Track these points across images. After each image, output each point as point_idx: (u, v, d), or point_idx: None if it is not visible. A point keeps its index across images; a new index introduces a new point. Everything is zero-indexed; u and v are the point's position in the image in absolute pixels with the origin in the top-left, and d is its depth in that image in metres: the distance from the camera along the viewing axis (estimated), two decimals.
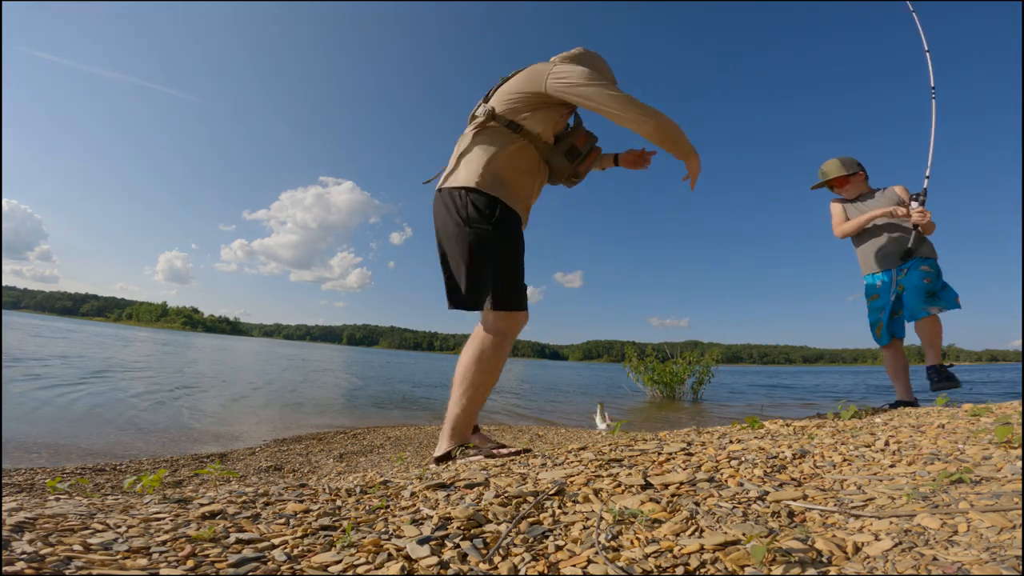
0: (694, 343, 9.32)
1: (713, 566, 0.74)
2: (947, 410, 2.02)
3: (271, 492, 1.15)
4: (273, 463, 2.12)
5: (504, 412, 4.99)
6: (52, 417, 2.96)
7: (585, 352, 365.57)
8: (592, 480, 1.19)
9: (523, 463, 1.48)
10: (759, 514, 0.94)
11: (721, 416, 5.00)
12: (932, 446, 1.34)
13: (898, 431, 1.58)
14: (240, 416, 3.63)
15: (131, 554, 0.74)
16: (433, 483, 1.19)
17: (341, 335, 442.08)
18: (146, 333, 37.76)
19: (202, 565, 0.72)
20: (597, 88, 1.69)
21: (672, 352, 7.84)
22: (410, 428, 3.31)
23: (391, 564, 0.75)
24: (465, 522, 0.92)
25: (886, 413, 2.09)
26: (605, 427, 1.83)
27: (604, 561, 0.76)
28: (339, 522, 0.94)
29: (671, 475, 1.19)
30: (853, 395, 8.12)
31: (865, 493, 1.02)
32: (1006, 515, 0.80)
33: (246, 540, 0.82)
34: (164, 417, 3.31)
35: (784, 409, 5.60)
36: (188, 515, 0.93)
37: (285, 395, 5.18)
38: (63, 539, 0.77)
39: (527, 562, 0.77)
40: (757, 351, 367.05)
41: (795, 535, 0.83)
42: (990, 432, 1.38)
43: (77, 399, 3.67)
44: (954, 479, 1.02)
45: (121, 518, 0.90)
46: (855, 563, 0.73)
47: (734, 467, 1.26)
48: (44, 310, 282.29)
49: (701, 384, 7.45)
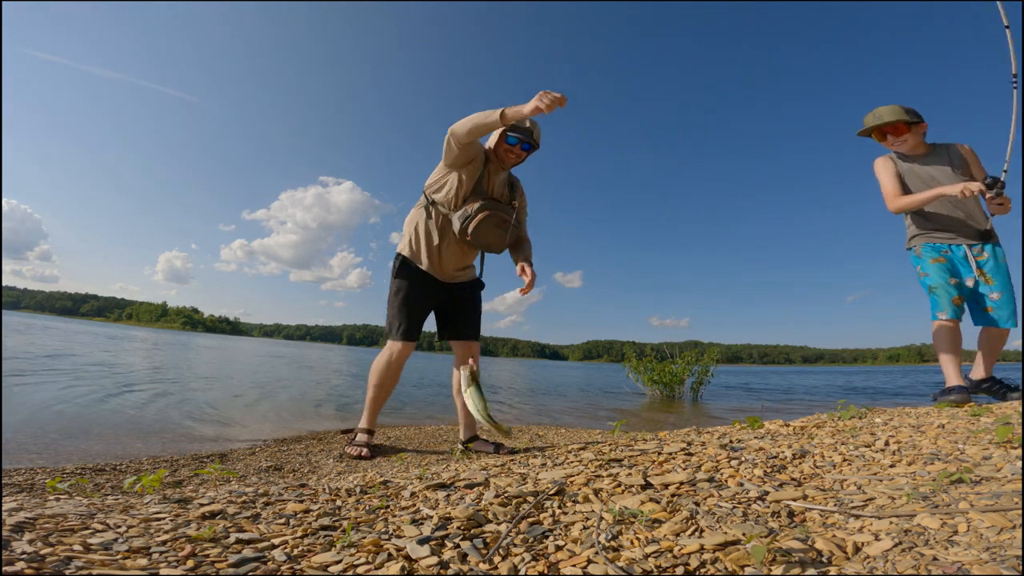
0: (694, 343, 9.31)
1: (713, 566, 0.74)
2: (947, 410, 2.02)
3: (271, 492, 1.15)
4: (273, 463, 2.12)
5: (504, 412, 5.00)
6: (52, 417, 2.96)
7: (585, 352, 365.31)
8: (592, 480, 1.19)
9: (523, 463, 1.48)
10: (759, 514, 0.94)
11: (721, 416, 5.00)
12: (932, 446, 1.34)
13: (898, 431, 1.58)
14: (240, 416, 3.62)
15: (131, 554, 0.74)
16: (433, 483, 1.19)
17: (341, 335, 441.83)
18: (146, 333, 37.78)
19: (202, 565, 0.72)
20: (448, 137, 2.15)
21: (672, 352, 7.84)
22: (410, 428, 3.30)
23: (391, 564, 0.75)
24: (465, 522, 0.92)
25: (885, 413, 2.09)
26: (478, 413, 1.65)
27: (604, 561, 0.76)
28: (339, 522, 0.94)
29: (671, 475, 1.19)
30: (853, 395, 8.13)
31: (865, 493, 1.02)
32: (1006, 515, 0.80)
33: (246, 540, 0.82)
34: (164, 417, 3.30)
35: (784, 409, 5.61)
36: (188, 515, 0.93)
37: (285, 395, 5.18)
38: (63, 539, 0.77)
39: (527, 562, 0.78)
40: (757, 351, 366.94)
41: (795, 535, 0.83)
42: (990, 432, 1.38)
43: (78, 399, 3.67)
44: (954, 479, 1.02)
45: (121, 518, 0.90)
46: (855, 563, 0.73)
47: (734, 467, 1.26)
48: (44, 310, 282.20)
49: (701, 384, 7.45)
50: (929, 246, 2.51)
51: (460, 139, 2.12)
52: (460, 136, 2.11)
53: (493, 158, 2.31)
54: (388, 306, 2.39)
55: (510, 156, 2.29)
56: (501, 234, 2.28)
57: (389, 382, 2.37)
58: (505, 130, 2.23)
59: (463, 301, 2.45)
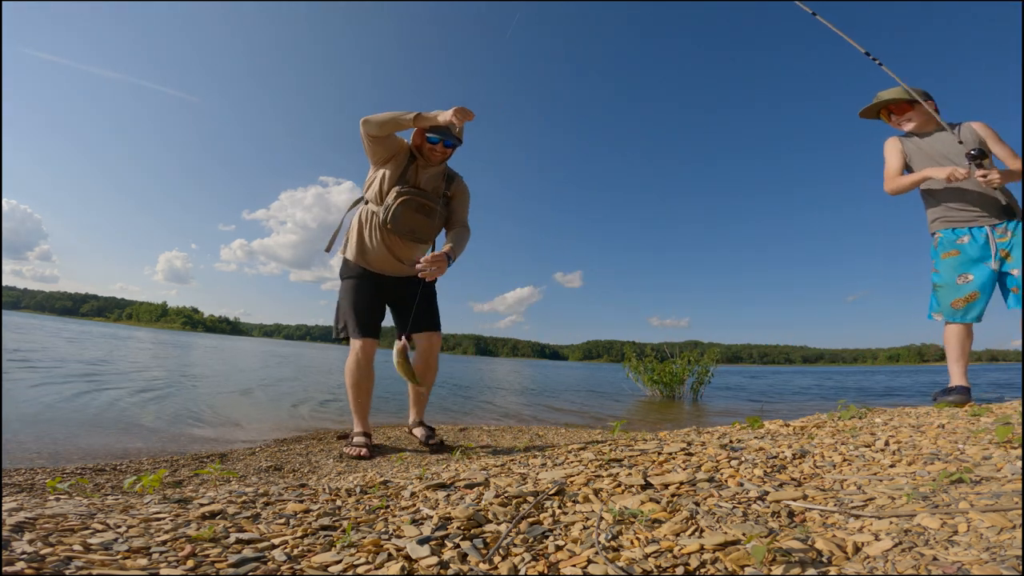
0: (694, 343, 9.30)
1: (713, 566, 0.74)
2: (947, 410, 2.02)
3: (271, 492, 1.15)
4: (273, 463, 2.12)
5: (504, 412, 5.00)
6: (52, 417, 2.96)
7: (585, 352, 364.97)
8: (592, 480, 1.19)
9: (523, 463, 1.48)
10: (759, 514, 0.94)
11: (721, 416, 5.00)
12: (932, 446, 1.34)
13: (898, 431, 1.58)
14: (240, 416, 3.62)
15: (131, 554, 0.74)
16: (433, 483, 1.19)
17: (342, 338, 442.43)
18: (146, 333, 37.76)
19: (202, 565, 0.72)
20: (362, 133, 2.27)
21: (672, 352, 7.83)
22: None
23: (391, 564, 0.75)
24: (465, 522, 0.92)
25: (885, 413, 2.09)
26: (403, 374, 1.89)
27: (604, 561, 0.76)
28: (339, 522, 0.94)
29: (671, 475, 1.19)
30: (856, 395, 8.12)
31: (865, 493, 1.02)
32: (1006, 515, 0.80)
33: (246, 540, 0.82)
34: (164, 417, 3.30)
35: (785, 409, 5.60)
36: (188, 515, 0.93)
37: (285, 395, 5.17)
38: (63, 539, 0.77)
39: (527, 562, 0.78)
40: (757, 351, 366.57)
41: (795, 535, 0.83)
42: (990, 432, 1.38)
43: (77, 398, 3.67)
44: (954, 479, 1.02)
45: (121, 518, 0.90)
46: (855, 563, 0.73)
47: (734, 467, 1.26)
48: (44, 310, 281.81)
49: (701, 384, 7.45)
50: (948, 233, 2.41)
51: (369, 129, 2.26)
52: (370, 127, 2.25)
53: (418, 155, 2.40)
54: (338, 308, 2.49)
55: (435, 154, 2.39)
56: (423, 219, 2.34)
57: (364, 381, 2.40)
58: (424, 129, 2.32)
59: (415, 295, 2.46)
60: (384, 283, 2.45)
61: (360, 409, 2.44)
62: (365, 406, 2.46)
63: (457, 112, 2.12)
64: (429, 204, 2.34)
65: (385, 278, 2.45)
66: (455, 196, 2.50)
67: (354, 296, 2.41)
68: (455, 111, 2.11)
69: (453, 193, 2.49)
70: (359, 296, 2.41)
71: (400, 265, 2.45)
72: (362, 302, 2.41)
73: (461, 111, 2.13)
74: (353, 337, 2.40)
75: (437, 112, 2.16)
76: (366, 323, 2.40)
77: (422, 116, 2.18)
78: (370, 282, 2.43)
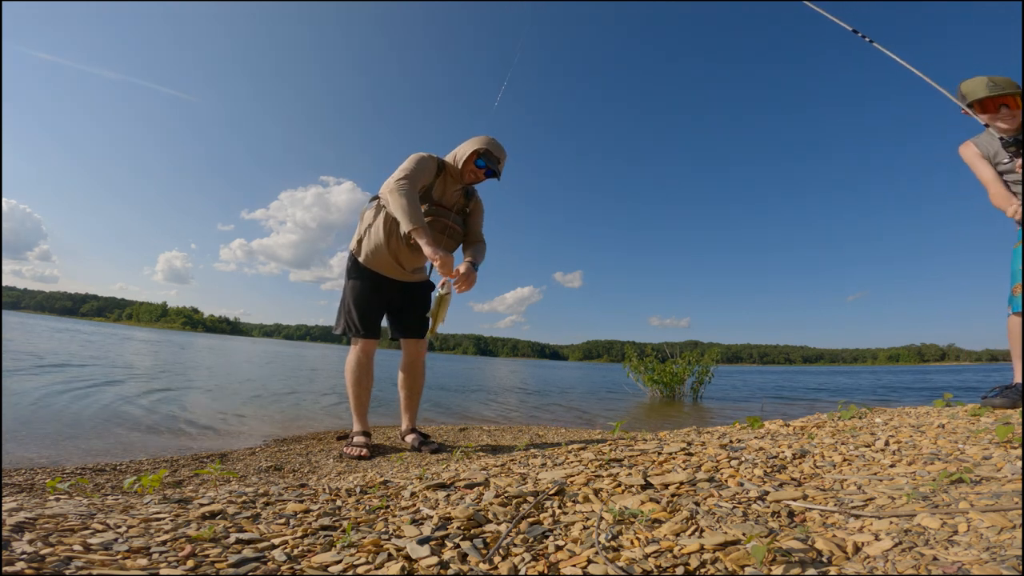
0: (694, 343, 9.31)
1: (713, 566, 0.74)
2: (947, 410, 2.02)
3: (271, 492, 1.15)
4: (273, 463, 2.12)
5: (504, 412, 5.00)
6: (52, 417, 2.96)
7: (585, 352, 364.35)
8: (592, 480, 1.19)
9: (523, 463, 1.48)
10: (759, 514, 0.94)
11: (721, 416, 5.00)
12: (932, 446, 1.34)
13: (898, 431, 1.58)
14: (240, 416, 3.62)
15: (131, 554, 0.74)
16: (433, 483, 1.19)
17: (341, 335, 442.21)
18: (146, 333, 37.76)
19: (202, 565, 0.72)
20: (386, 184, 2.22)
21: (672, 352, 7.84)
22: None
23: (391, 564, 0.75)
24: (465, 522, 0.92)
25: (885, 413, 2.09)
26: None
27: (604, 561, 0.76)
28: (339, 522, 0.94)
29: (671, 475, 1.19)
30: (855, 395, 8.12)
31: (865, 493, 1.02)
32: (1006, 515, 0.80)
33: (246, 540, 0.82)
34: (164, 417, 3.30)
35: (784, 409, 5.60)
36: (188, 515, 0.93)
37: (285, 395, 5.17)
38: (63, 539, 0.77)
39: (527, 562, 0.78)
40: (757, 351, 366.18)
41: (795, 535, 0.83)
42: (990, 432, 1.38)
43: (77, 398, 3.67)
44: (954, 479, 1.02)
45: (121, 518, 0.90)
46: (855, 563, 0.73)
47: (734, 467, 1.26)
48: (44, 310, 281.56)
49: (701, 384, 7.45)
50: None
51: (387, 202, 2.23)
52: (388, 203, 2.22)
53: (452, 170, 2.42)
54: (341, 306, 2.51)
55: (472, 175, 2.42)
56: (447, 240, 2.38)
57: (364, 379, 2.46)
58: (477, 151, 2.37)
59: (414, 301, 2.57)
60: (389, 286, 2.49)
61: (360, 407, 2.47)
62: (365, 404, 2.49)
63: (442, 261, 2.12)
64: (452, 227, 2.40)
65: (389, 281, 2.49)
66: (473, 212, 2.56)
67: (359, 296, 2.45)
68: (441, 258, 2.11)
69: (472, 208, 2.55)
70: (364, 296, 2.45)
71: (402, 271, 2.49)
72: (366, 302, 2.45)
73: (445, 265, 2.13)
74: (355, 336, 2.45)
75: (429, 245, 2.11)
76: (368, 323, 2.45)
77: (415, 234, 2.13)
78: (375, 284, 2.47)
